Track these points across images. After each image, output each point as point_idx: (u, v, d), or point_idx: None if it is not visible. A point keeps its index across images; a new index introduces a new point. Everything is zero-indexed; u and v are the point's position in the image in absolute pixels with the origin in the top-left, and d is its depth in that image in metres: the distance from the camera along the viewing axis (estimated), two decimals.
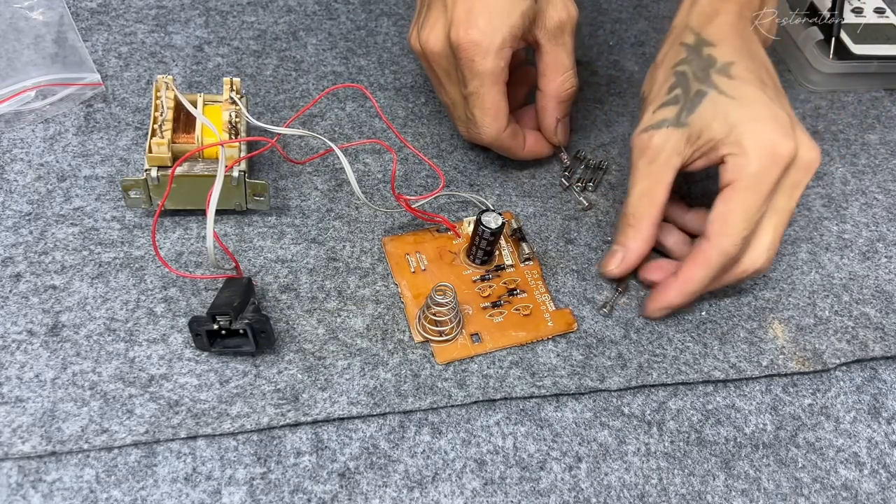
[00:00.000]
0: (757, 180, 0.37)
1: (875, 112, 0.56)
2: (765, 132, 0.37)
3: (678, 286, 0.40)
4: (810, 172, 0.39)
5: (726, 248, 0.38)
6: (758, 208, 0.38)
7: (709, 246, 0.38)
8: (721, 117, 0.38)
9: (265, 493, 0.33)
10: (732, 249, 0.38)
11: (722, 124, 0.38)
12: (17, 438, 0.33)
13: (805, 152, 0.38)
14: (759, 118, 0.38)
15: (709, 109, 0.38)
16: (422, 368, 0.38)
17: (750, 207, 0.38)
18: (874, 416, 0.40)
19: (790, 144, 0.37)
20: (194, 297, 0.39)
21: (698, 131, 0.39)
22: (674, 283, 0.40)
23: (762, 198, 0.38)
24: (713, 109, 0.38)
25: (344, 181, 0.45)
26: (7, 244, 0.39)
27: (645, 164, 0.40)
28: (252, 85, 0.49)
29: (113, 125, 0.46)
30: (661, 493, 0.36)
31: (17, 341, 0.36)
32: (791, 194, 0.39)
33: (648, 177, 0.40)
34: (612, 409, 0.38)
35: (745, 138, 0.37)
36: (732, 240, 0.38)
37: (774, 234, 0.39)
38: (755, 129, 0.38)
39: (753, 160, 0.37)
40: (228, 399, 0.36)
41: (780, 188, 0.38)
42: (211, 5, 0.54)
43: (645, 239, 0.41)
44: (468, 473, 0.35)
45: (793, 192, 0.39)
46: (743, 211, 0.38)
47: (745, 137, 0.37)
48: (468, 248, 0.42)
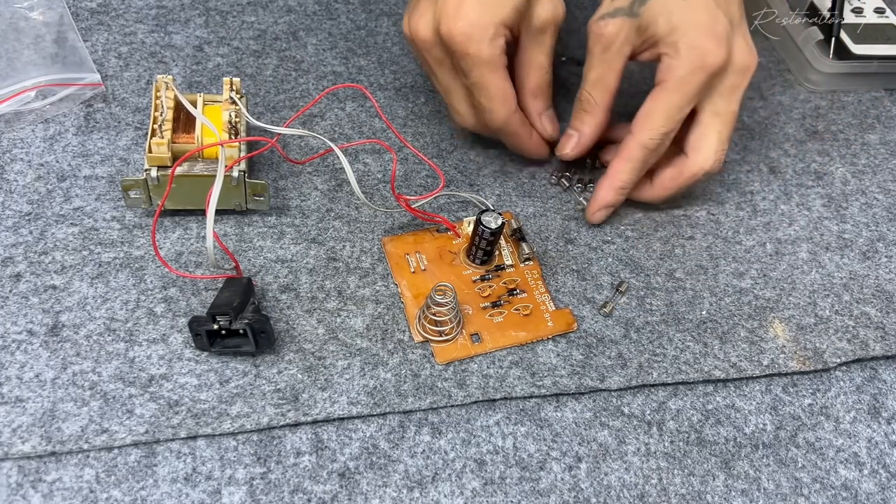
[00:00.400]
0: (682, 83, 0.40)
1: (875, 112, 0.56)
2: (699, 38, 0.40)
3: (607, 183, 0.43)
4: (747, 76, 0.41)
5: (645, 143, 0.41)
6: (679, 108, 0.41)
7: (631, 140, 0.42)
8: (666, 15, 0.40)
9: (265, 493, 0.33)
10: (651, 144, 0.41)
11: (665, 23, 0.40)
12: (17, 438, 0.33)
13: (740, 57, 0.41)
14: (697, 24, 0.40)
15: (658, 5, 0.40)
16: (422, 368, 0.38)
17: (671, 107, 0.41)
18: (874, 416, 0.40)
19: (721, 52, 0.40)
20: (194, 297, 0.39)
21: (646, 24, 0.41)
22: (604, 181, 0.43)
23: (685, 99, 0.41)
24: (661, 6, 0.40)
25: (344, 181, 0.45)
26: (7, 244, 0.39)
27: (599, 52, 0.42)
28: (252, 85, 0.49)
29: (113, 125, 0.46)
30: (661, 493, 0.36)
31: (17, 341, 0.36)
32: (730, 97, 0.42)
33: (602, 64, 0.42)
34: (612, 409, 0.38)
35: (680, 42, 0.40)
36: (651, 134, 0.41)
37: (719, 136, 0.42)
38: (691, 33, 0.40)
39: (683, 64, 0.40)
40: (228, 399, 0.36)
41: (715, 92, 0.41)
42: (211, 5, 0.54)
43: (598, 123, 0.44)
44: (468, 473, 0.35)
45: (731, 96, 0.41)
46: (664, 110, 0.41)
47: (681, 41, 0.40)
48: (468, 248, 0.42)
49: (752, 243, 0.46)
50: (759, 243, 0.46)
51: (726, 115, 0.42)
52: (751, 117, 0.54)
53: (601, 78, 0.43)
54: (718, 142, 0.42)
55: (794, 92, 0.56)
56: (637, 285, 0.43)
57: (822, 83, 0.56)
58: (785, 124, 0.54)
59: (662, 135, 0.41)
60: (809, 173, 0.51)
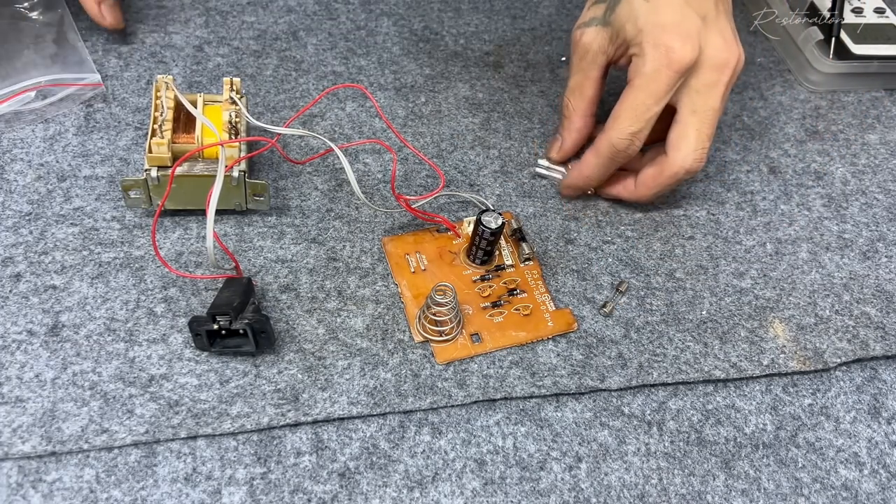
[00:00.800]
0: (648, 81, 0.40)
1: (875, 112, 0.56)
2: (662, 36, 0.40)
3: (577, 169, 0.45)
4: (725, 72, 0.41)
5: (614, 141, 0.42)
6: (646, 107, 0.41)
7: (603, 136, 0.42)
8: (633, 20, 0.41)
9: (265, 493, 0.33)
10: (620, 143, 0.42)
11: (633, 26, 0.41)
12: (17, 438, 0.33)
13: (715, 53, 0.40)
14: (662, 24, 0.40)
15: (625, 10, 0.41)
16: (422, 368, 0.38)
17: (638, 106, 0.41)
18: (874, 416, 0.40)
19: (687, 48, 0.39)
20: (194, 297, 0.39)
21: (617, 30, 0.42)
22: (576, 165, 0.45)
23: (652, 98, 0.40)
24: (629, 11, 0.41)
25: (344, 181, 0.45)
26: (7, 244, 0.39)
27: (577, 60, 0.44)
28: (252, 85, 0.49)
29: (113, 125, 0.46)
30: (661, 493, 0.36)
31: (17, 341, 0.36)
32: (708, 94, 0.41)
33: (579, 72, 0.44)
34: (612, 409, 0.38)
35: (644, 42, 0.40)
36: (619, 133, 0.41)
37: (697, 134, 0.41)
38: (655, 33, 0.40)
39: (647, 62, 0.40)
40: (228, 399, 0.36)
41: (691, 89, 0.41)
42: (211, 5, 0.54)
43: (577, 129, 0.45)
44: (468, 473, 0.35)
45: (710, 92, 0.41)
46: (631, 109, 0.41)
47: (645, 41, 0.40)
48: (468, 248, 0.42)
49: (752, 243, 0.46)
50: (759, 243, 0.46)
51: (704, 113, 0.41)
52: (751, 117, 0.54)
53: (578, 85, 0.44)
54: (697, 140, 0.41)
55: (794, 92, 0.56)
56: (637, 285, 0.43)
57: (822, 83, 0.56)
58: (785, 124, 0.54)
59: (630, 134, 0.41)
60: (809, 173, 0.51)
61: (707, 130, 0.42)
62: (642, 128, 0.41)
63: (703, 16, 0.40)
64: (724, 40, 0.41)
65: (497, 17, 0.58)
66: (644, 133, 0.42)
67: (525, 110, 0.51)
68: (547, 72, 0.54)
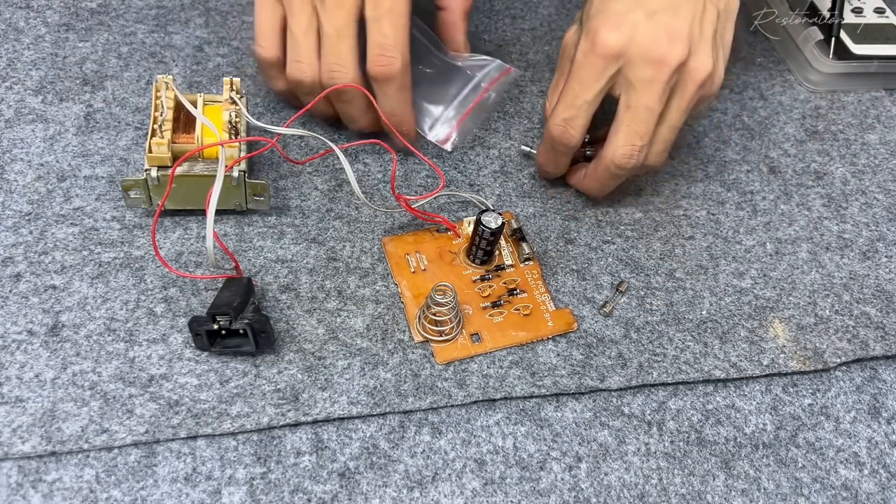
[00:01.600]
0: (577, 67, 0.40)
1: (875, 112, 0.56)
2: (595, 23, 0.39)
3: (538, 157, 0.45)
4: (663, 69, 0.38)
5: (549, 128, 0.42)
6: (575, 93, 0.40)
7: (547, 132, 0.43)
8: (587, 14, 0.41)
9: (265, 493, 0.33)
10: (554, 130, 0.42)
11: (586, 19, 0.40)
12: (17, 438, 0.33)
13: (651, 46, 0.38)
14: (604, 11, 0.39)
15: (587, 6, 0.41)
16: (422, 368, 0.38)
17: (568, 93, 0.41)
18: (874, 416, 0.40)
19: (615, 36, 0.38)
20: (194, 297, 0.39)
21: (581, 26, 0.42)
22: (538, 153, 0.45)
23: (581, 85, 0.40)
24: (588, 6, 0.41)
25: (344, 181, 0.45)
26: (7, 244, 0.39)
27: (559, 59, 0.45)
28: (252, 85, 0.49)
29: (113, 125, 0.46)
30: (661, 493, 0.36)
31: (17, 341, 0.36)
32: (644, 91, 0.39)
33: (557, 70, 0.45)
34: (612, 409, 0.38)
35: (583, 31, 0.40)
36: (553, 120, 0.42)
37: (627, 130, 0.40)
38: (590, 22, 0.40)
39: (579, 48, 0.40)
40: (228, 399, 0.36)
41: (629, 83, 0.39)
42: (211, 5, 0.54)
43: None
44: (468, 473, 0.35)
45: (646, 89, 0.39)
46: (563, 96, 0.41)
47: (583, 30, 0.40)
48: (468, 248, 0.42)
49: (752, 243, 0.46)
50: (759, 243, 0.46)
51: (637, 110, 0.40)
52: (751, 117, 0.54)
53: (555, 83, 0.45)
54: (626, 136, 0.40)
55: (794, 92, 0.56)
56: (637, 285, 0.43)
57: (822, 83, 0.56)
58: (785, 124, 0.54)
59: (563, 120, 0.41)
60: (809, 173, 0.51)
61: (638, 128, 0.40)
62: (574, 115, 0.41)
63: (653, 11, 0.39)
64: (668, 37, 0.38)
65: (497, 17, 0.58)
66: (579, 121, 0.41)
67: (525, 110, 0.51)
68: (547, 72, 0.54)
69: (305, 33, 0.41)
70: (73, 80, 0.47)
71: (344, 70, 0.41)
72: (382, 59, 0.41)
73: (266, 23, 0.43)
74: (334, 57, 0.41)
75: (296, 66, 0.42)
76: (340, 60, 0.41)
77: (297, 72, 0.42)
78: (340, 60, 0.41)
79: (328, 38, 0.41)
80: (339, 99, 0.43)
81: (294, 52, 0.42)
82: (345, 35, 0.41)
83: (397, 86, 0.42)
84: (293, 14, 0.41)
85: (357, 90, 0.42)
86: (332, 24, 0.41)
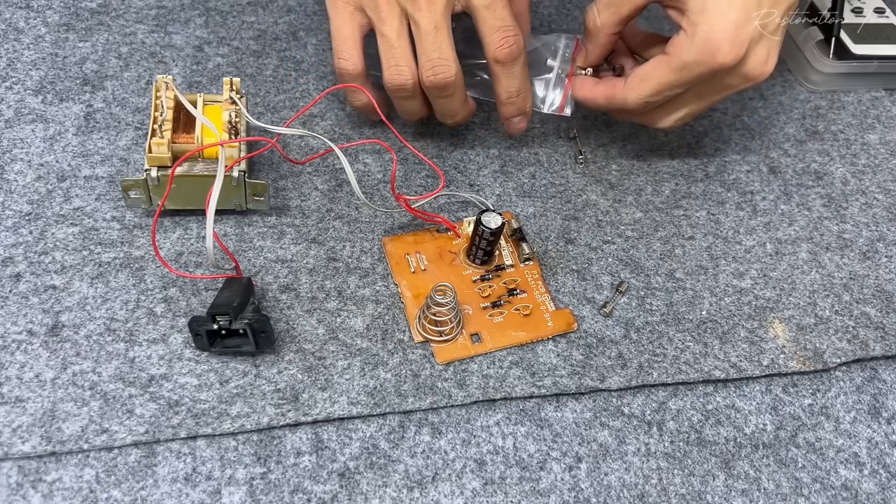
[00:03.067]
0: (684, 68, 0.40)
1: (875, 112, 0.56)
2: (717, 34, 0.38)
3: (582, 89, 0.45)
4: (747, 83, 0.41)
5: (628, 99, 0.42)
6: (671, 87, 0.41)
7: (620, 91, 0.43)
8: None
9: (265, 493, 0.33)
10: (634, 105, 0.42)
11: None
12: (17, 438, 0.33)
13: (754, 66, 0.40)
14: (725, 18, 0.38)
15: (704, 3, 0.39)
16: (422, 368, 0.38)
17: (664, 84, 0.41)
18: (874, 416, 0.40)
19: (733, 54, 0.38)
20: (194, 297, 0.39)
21: None
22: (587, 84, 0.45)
23: (682, 83, 0.41)
24: None
25: (344, 181, 0.45)
26: (7, 244, 0.39)
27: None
28: (252, 85, 0.49)
29: (113, 125, 0.46)
30: (661, 493, 0.36)
31: (17, 341, 0.36)
32: (721, 91, 0.42)
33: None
34: (612, 409, 0.38)
35: (699, 28, 0.38)
36: (636, 96, 0.42)
37: (687, 113, 0.43)
38: (714, 26, 0.38)
39: (693, 52, 0.39)
40: (228, 399, 0.36)
41: (712, 82, 0.41)
42: (211, 5, 0.54)
43: (601, 45, 0.44)
44: (468, 473, 0.35)
45: (723, 91, 0.42)
46: (658, 83, 0.41)
47: (700, 28, 0.38)
48: (468, 248, 0.42)
49: (752, 243, 0.46)
50: (759, 243, 0.46)
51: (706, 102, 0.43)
52: (751, 117, 0.54)
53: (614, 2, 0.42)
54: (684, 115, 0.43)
55: (794, 92, 0.56)
56: (637, 285, 0.43)
57: (822, 83, 0.56)
58: (785, 124, 0.54)
59: (647, 101, 0.42)
60: (809, 173, 0.51)
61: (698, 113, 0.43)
62: (660, 101, 0.42)
63: (765, 24, 0.39)
64: (767, 55, 0.40)
65: None
66: (658, 103, 0.43)
67: None
68: None
69: (399, 35, 0.41)
70: (73, 80, 0.47)
71: (447, 64, 0.41)
72: (508, 40, 0.40)
73: (346, 33, 0.42)
74: (436, 52, 0.40)
75: (395, 71, 0.41)
76: (442, 55, 0.40)
77: (398, 76, 0.41)
78: (442, 55, 0.40)
79: (426, 34, 0.40)
80: (441, 94, 0.42)
81: (390, 58, 0.41)
82: (442, 28, 0.40)
83: (522, 63, 0.42)
84: (383, 19, 0.41)
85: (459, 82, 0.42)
86: (429, 19, 0.40)
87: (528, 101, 0.44)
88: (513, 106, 0.44)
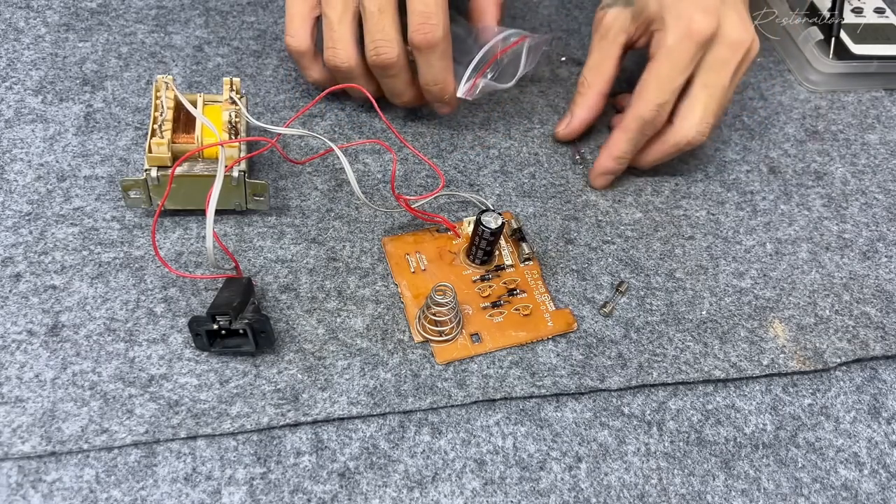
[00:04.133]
0: (670, 52, 0.42)
1: (875, 112, 0.56)
2: (684, 8, 0.41)
3: (606, 152, 0.45)
4: (739, 52, 0.42)
5: (641, 113, 0.43)
6: (669, 78, 0.42)
7: (629, 112, 0.44)
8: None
9: (265, 493, 0.33)
10: (648, 114, 0.43)
11: (655, 4, 0.42)
12: (17, 438, 0.33)
13: (731, 31, 0.42)
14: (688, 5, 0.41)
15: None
16: (422, 368, 0.38)
17: (662, 77, 0.42)
18: (874, 416, 0.40)
19: (707, 21, 0.41)
20: (194, 297, 0.39)
21: (640, 9, 0.43)
22: (604, 149, 0.45)
23: (675, 69, 0.42)
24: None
25: (344, 181, 0.45)
26: (7, 244, 0.39)
27: (598, 40, 0.46)
28: (252, 85, 0.49)
29: (113, 125, 0.46)
30: (661, 493, 0.36)
31: (17, 341, 0.36)
32: (720, 71, 0.42)
33: (599, 51, 0.46)
34: (612, 409, 0.38)
35: (667, 15, 0.42)
36: (646, 105, 0.43)
37: (704, 109, 0.43)
38: (678, 6, 0.42)
39: (670, 34, 0.42)
40: (228, 399, 0.36)
41: (706, 64, 0.42)
42: (211, 5, 0.54)
43: (590, 107, 0.47)
44: (468, 473, 0.35)
45: (722, 70, 0.42)
46: (656, 80, 0.42)
47: (668, 14, 0.42)
48: (468, 248, 0.42)
49: (752, 243, 0.46)
50: (759, 243, 0.46)
51: (714, 88, 0.43)
52: (751, 117, 0.54)
53: (598, 64, 0.46)
54: (703, 113, 0.43)
55: (794, 92, 0.56)
56: (637, 285, 0.43)
57: (822, 83, 0.56)
58: (785, 124, 0.54)
59: (657, 105, 0.43)
60: (809, 173, 0.51)
61: (714, 106, 0.43)
62: (668, 99, 0.43)
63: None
64: (741, 21, 0.42)
65: None
66: (670, 104, 0.43)
67: (525, 110, 0.51)
68: (547, 72, 0.54)
69: (341, 19, 0.42)
70: (73, 80, 0.47)
71: (389, 44, 0.42)
72: (425, 28, 0.41)
73: (296, 12, 0.44)
74: (379, 33, 0.42)
75: (331, 53, 0.43)
76: (385, 35, 0.42)
77: (333, 58, 0.43)
78: (385, 35, 0.42)
79: (371, 15, 0.41)
80: (385, 74, 0.44)
81: (328, 39, 0.43)
82: (386, 9, 0.41)
83: (439, 53, 0.42)
84: (328, 2, 0.42)
85: (402, 63, 0.43)
86: (374, 1, 0.41)
87: (448, 90, 0.45)
88: (430, 94, 0.45)
